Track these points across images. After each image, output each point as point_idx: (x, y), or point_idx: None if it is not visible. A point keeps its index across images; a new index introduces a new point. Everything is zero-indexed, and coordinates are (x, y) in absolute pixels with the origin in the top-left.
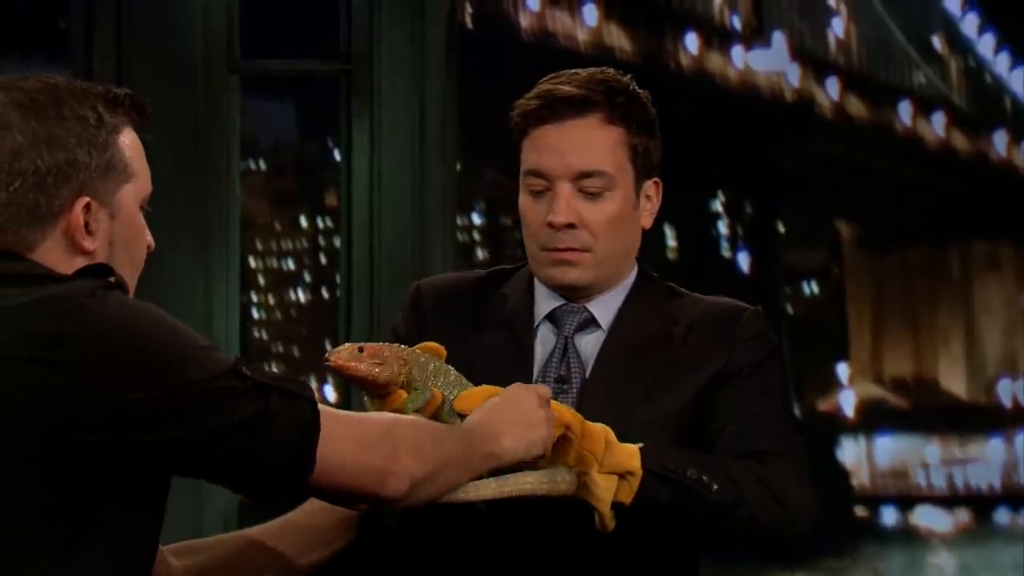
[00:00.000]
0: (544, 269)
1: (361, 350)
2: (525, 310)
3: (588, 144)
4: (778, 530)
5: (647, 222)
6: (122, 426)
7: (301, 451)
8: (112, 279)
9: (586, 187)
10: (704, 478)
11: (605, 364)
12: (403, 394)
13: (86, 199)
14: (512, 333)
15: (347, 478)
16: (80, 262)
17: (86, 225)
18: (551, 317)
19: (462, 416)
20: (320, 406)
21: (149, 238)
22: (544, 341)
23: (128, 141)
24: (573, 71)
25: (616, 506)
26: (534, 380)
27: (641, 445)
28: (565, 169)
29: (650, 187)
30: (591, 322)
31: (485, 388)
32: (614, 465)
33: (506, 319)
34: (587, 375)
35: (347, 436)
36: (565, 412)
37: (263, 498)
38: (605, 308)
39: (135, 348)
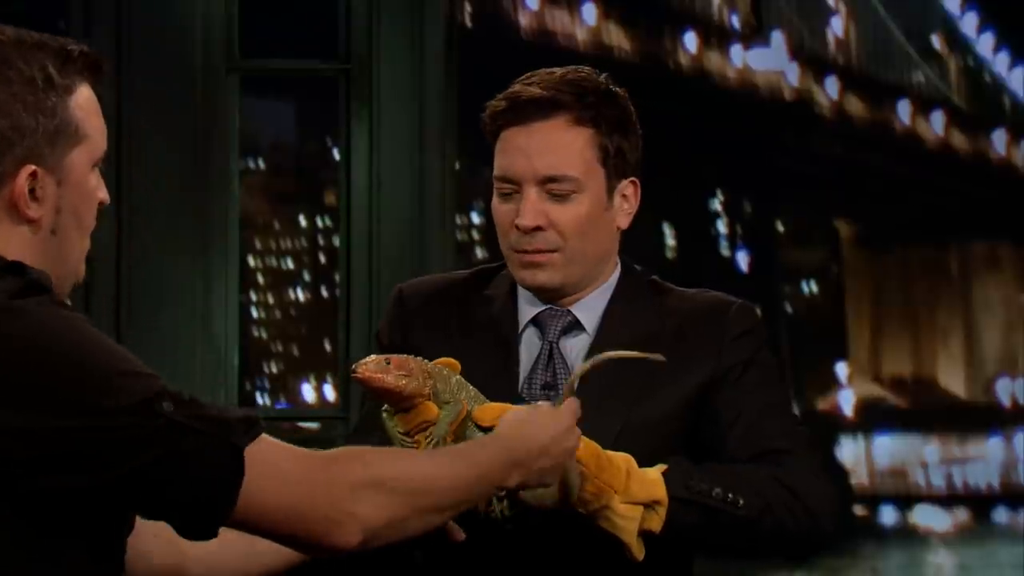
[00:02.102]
0: (516, 271)
1: (388, 362)
2: (509, 315)
3: (554, 147)
4: (804, 533)
5: (623, 222)
6: (24, 457)
7: (213, 496)
8: (33, 277)
9: (553, 190)
10: (730, 496)
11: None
12: (430, 406)
13: (31, 167)
14: (498, 339)
15: (279, 525)
16: (23, 231)
17: (31, 192)
18: (535, 321)
19: (482, 429)
20: (263, 444)
21: (102, 194)
22: (529, 346)
23: (80, 101)
24: (549, 70)
25: (644, 533)
26: (520, 387)
27: (664, 469)
28: (531, 173)
29: (626, 187)
30: (575, 325)
31: (504, 405)
32: (637, 495)
33: (491, 324)
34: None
35: (280, 482)
36: (582, 448)
37: (184, 536)
38: (589, 310)
39: (42, 368)
